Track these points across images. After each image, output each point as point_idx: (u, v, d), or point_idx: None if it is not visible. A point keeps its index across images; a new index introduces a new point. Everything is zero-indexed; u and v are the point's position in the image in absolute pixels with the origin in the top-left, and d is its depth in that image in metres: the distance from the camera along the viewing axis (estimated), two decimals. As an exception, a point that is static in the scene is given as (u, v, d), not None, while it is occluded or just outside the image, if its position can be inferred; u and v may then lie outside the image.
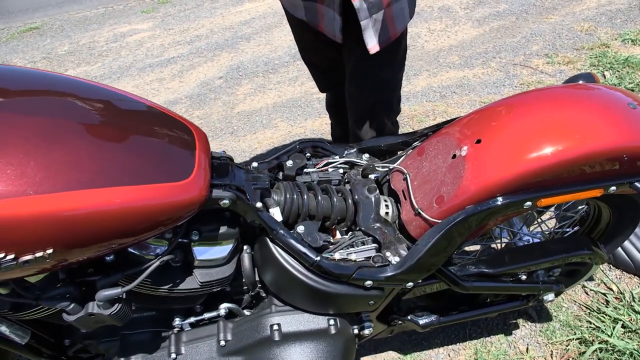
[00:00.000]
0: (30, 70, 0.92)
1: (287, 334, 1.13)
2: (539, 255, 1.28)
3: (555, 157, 1.01)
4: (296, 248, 1.03)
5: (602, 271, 1.84)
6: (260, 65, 3.86)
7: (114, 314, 0.96)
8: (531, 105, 1.10)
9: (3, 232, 0.74)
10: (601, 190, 1.08)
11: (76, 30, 5.21)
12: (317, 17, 1.47)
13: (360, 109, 1.63)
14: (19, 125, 0.78)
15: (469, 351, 1.64)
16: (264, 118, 3.19)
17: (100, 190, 0.80)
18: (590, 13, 3.85)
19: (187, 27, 4.85)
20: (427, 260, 1.08)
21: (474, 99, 3.03)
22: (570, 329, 1.66)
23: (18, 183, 0.74)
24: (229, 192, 0.97)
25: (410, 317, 1.35)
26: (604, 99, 1.13)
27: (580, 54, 3.30)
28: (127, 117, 0.92)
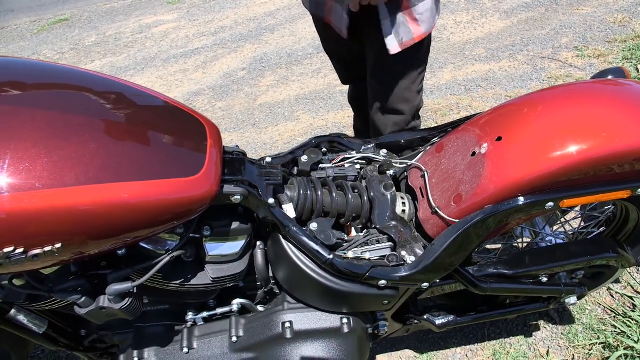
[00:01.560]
0: (44, 64, 0.92)
1: (299, 331, 1.12)
2: (562, 257, 1.24)
3: (581, 155, 0.97)
4: (309, 246, 1.01)
5: (630, 274, 1.78)
6: (284, 57, 3.85)
7: (125, 308, 0.97)
8: (556, 102, 1.06)
9: (13, 226, 0.74)
10: (629, 191, 1.04)
11: (103, 22, 5.28)
12: (324, 10, 1.48)
13: (381, 103, 1.60)
14: (30, 119, 0.78)
15: (487, 352, 1.61)
16: (286, 110, 3.17)
17: (109, 185, 0.79)
18: (625, 4, 3.71)
19: (212, 18, 4.87)
20: (444, 261, 1.05)
21: (500, 92, 2.95)
22: (594, 333, 1.61)
23: (27, 177, 0.74)
24: (241, 188, 0.96)
25: (426, 317, 1.32)
26: (634, 95, 1.08)
27: (612, 47, 3.19)
28: (138, 111, 0.92)
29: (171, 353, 1.19)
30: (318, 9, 1.54)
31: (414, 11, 1.38)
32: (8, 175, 0.72)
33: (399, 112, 1.58)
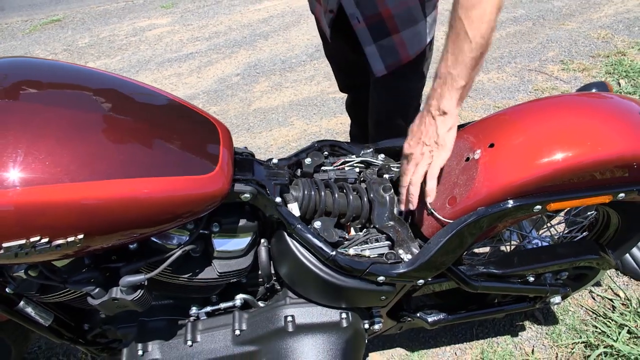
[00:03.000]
0: (67, 65, 0.97)
1: (301, 325, 1.18)
2: (547, 258, 1.31)
3: (566, 162, 1.04)
4: (313, 242, 1.07)
5: (610, 277, 1.87)
6: (278, 64, 3.91)
7: (136, 299, 1.01)
8: (544, 112, 1.14)
9: (40, 217, 0.78)
10: (610, 196, 1.11)
11: (97, 24, 5.30)
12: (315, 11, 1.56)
13: (381, 115, 1.66)
14: (56, 117, 0.83)
15: (476, 350, 1.68)
16: (280, 116, 3.23)
17: (130, 181, 0.84)
18: (608, 20, 3.85)
19: (206, 23, 4.92)
20: (439, 259, 1.11)
21: (488, 103, 3.05)
22: (576, 333, 1.69)
23: (54, 171, 0.78)
24: (250, 187, 1.01)
25: (419, 314, 1.39)
26: (615, 108, 1.16)
27: (596, 62, 3.31)
28: (156, 111, 0.97)
29: (175, 346, 1.23)
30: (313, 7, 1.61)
31: (402, 35, 1.42)
32: (37, 169, 0.77)
33: (398, 124, 1.63)
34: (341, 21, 1.44)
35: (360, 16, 1.38)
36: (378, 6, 1.35)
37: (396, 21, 1.38)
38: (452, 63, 1.04)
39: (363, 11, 1.37)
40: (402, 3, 1.35)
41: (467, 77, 1.04)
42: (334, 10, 1.43)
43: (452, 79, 1.05)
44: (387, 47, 1.43)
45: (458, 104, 1.07)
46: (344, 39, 1.54)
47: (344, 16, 1.41)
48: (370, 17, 1.38)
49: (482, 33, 1.01)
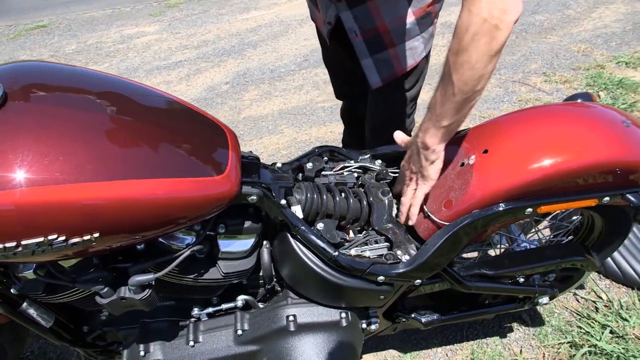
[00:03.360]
0: (84, 70, 1.00)
1: (302, 324, 1.21)
2: (536, 259, 1.37)
3: (555, 168, 1.10)
4: (316, 243, 1.11)
5: (593, 280, 1.94)
6: (267, 73, 3.96)
7: (144, 298, 1.03)
8: (534, 120, 1.20)
9: (57, 216, 0.81)
10: (596, 200, 1.17)
11: (83, 30, 5.29)
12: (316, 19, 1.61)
13: (376, 123, 1.71)
14: (77, 120, 0.86)
15: (466, 351, 1.73)
16: (269, 124, 3.27)
17: (146, 181, 0.87)
18: (587, 35, 3.99)
19: (194, 32, 4.95)
20: (435, 259, 1.16)
21: (474, 113, 3.13)
22: (562, 333, 1.75)
23: (74, 171, 0.81)
24: (257, 189, 1.05)
25: (413, 315, 1.43)
26: (600, 117, 1.23)
27: (576, 74, 3.43)
28: (168, 115, 1.01)
29: (177, 347, 1.25)
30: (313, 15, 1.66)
31: (398, 49, 1.46)
32: (56, 169, 0.80)
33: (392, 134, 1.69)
34: (339, 32, 1.49)
35: (358, 30, 1.43)
36: (375, 21, 1.40)
37: (392, 36, 1.44)
38: (439, 100, 1.06)
39: (361, 25, 1.42)
40: (399, 19, 1.40)
41: (452, 118, 1.05)
42: (332, 22, 1.49)
43: (437, 117, 1.07)
44: (383, 60, 1.48)
45: (441, 140, 1.10)
46: (342, 48, 1.59)
47: (342, 28, 1.46)
48: (368, 31, 1.43)
49: (465, 79, 0.98)
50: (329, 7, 1.47)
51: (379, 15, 1.40)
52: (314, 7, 1.60)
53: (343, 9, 1.41)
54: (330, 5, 1.46)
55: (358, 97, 1.81)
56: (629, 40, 3.85)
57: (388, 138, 1.65)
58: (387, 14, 1.40)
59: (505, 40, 0.94)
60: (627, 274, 1.89)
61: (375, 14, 1.40)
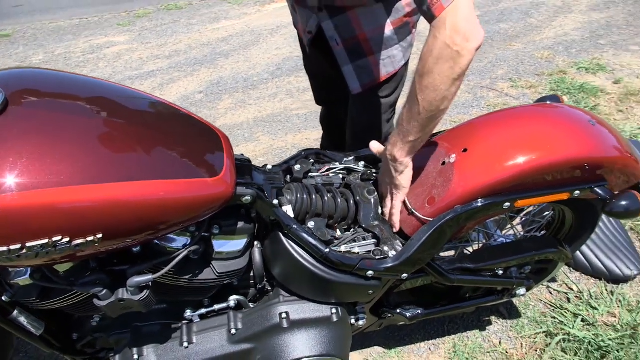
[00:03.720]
0: (82, 76, 1.03)
1: (295, 321, 1.25)
2: (514, 252, 1.45)
3: (529, 164, 1.18)
4: (308, 241, 1.15)
5: (564, 273, 2.04)
6: (240, 82, 3.98)
7: (143, 299, 1.05)
8: (509, 121, 1.28)
9: (62, 217, 0.83)
10: (567, 194, 1.26)
11: (50, 40, 5.20)
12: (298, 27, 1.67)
13: (357, 127, 1.77)
14: (75, 124, 0.89)
15: (448, 345, 1.79)
16: (245, 132, 3.30)
17: (146, 182, 0.90)
18: (549, 42, 4.17)
19: (165, 41, 4.94)
20: (421, 254, 1.22)
21: (445, 118, 3.22)
22: (537, 324, 1.84)
23: (76, 173, 0.83)
24: (251, 190, 1.08)
25: (399, 311, 1.49)
26: (569, 117, 1.32)
27: (541, 79, 3.58)
28: (165, 119, 1.04)
29: (170, 349, 1.26)
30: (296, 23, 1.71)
31: (377, 57, 1.52)
32: (58, 171, 0.82)
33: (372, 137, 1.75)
34: (320, 40, 1.54)
35: (339, 39, 1.49)
36: (355, 30, 1.47)
37: (371, 44, 1.50)
38: (406, 118, 1.12)
39: (341, 34, 1.48)
40: (378, 28, 1.47)
41: (417, 134, 1.12)
42: (313, 31, 1.54)
43: (404, 133, 1.13)
44: (363, 67, 1.55)
45: (408, 154, 1.17)
46: (322, 56, 1.65)
47: (323, 36, 1.52)
48: (348, 40, 1.49)
49: (430, 100, 1.04)
50: (310, 17, 1.52)
51: (359, 24, 1.46)
52: (296, 15, 1.65)
53: (324, 19, 1.47)
54: (311, 15, 1.51)
55: (338, 103, 1.87)
56: (587, 47, 4.05)
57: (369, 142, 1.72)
58: (366, 23, 1.46)
59: (467, 65, 1.00)
60: (595, 266, 2.00)
61: (355, 24, 1.46)
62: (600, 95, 3.31)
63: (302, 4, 1.50)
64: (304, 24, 1.55)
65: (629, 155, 1.29)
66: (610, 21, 4.51)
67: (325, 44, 1.54)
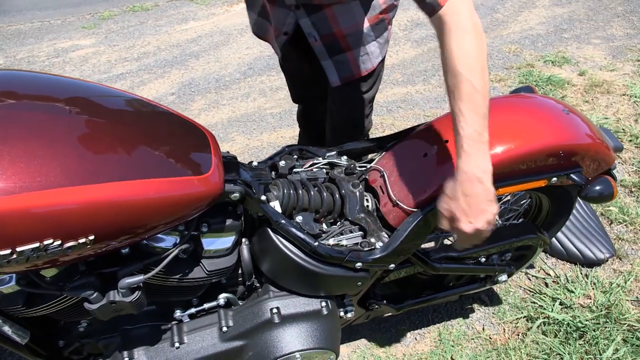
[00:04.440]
0: (64, 78, 1.01)
1: (286, 316, 1.26)
2: (494, 239, 1.49)
3: (508, 153, 1.22)
4: (297, 235, 1.16)
5: (541, 260, 2.11)
6: (212, 82, 3.95)
7: (134, 301, 1.04)
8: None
9: (53, 220, 0.82)
10: (545, 180, 1.30)
11: (10, 44, 5.04)
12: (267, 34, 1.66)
13: (336, 122, 1.79)
14: (63, 125, 0.87)
15: (433, 334, 1.83)
16: (220, 132, 3.28)
17: (136, 182, 0.90)
18: (516, 37, 4.27)
19: (133, 44, 4.85)
20: (407, 244, 1.24)
21: (418, 112, 3.29)
22: (518, 309, 1.90)
23: (65, 175, 0.82)
24: (239, 187, 1.09)
25: (385, 302, 1.51)
26: (543, 106, 1.36)
27: (509, 73, 3.67)
28: (152, 119, 1.04)
29: (161, 350, 1.26)
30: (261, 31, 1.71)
31: (355, 53, 1.55)
32: (47, 173, 0.81)
33: (355, 132, 1.77)
34: (298, 39, 1.56)
35: (317, 35, 1.51)
36: (332, 27, 1.49)
37: (348, 40, 1.53)
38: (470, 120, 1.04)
39: (319, 31, 1.50)
40: (354, 25, 1.49)
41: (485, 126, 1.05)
42: (290, 31, 1.55)
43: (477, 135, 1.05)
44: (342, 62, 1.57)
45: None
46: (300, 54, 1.66)
47: (300, 34, 1.53)
48: (326, 37, 1.51)
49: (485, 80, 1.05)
50: (286, 16, 1.53)
51: (336, 21, 1.48)
52: (265, 21, 1.65)
53: (302, 16, 1.48)
54: (287, 14, 1.52)
55: (315, 100, 1.88)
56: (553, 41, 4.16)
57: (348, 136, 1.74)
58: (343, 20, 1.48)
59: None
60: (570, 251, 2.07)
61: (332, 21, 1.48)
62: (566, 87, 3.41)
63: (277, 4, 1.51)
64: (279, 26, 1.56)
65: (601, 142, 1.34)
66: (572, 15, 4.65)
67: (303, 42, 1.55)
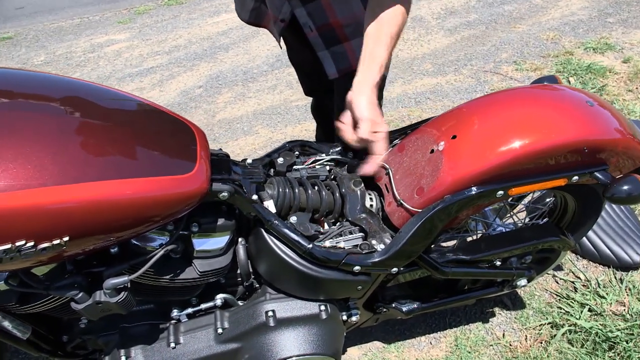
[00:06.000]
0: (44, 74, 0.99)
1: (282, 319, 1.21)
2: (512, 242, 1.39)
3: (523, 149, 1.12)
4: (290, 237, 1.11)
5: (571, 261, 1.97)
6: (240, 75, 3.93)
7: (121, 301, 1.02)
8: (501, 104, 1.21)
9: (24, 221, 0.80)
10: (565, 179, 1.19)
11: (51, 41, 5.19)
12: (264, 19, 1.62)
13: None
14: (37, 123, 0.85)
15: (450, 338, 1.74)
16: (244, 125, 3.26)
17: (112, 182, 0.86)
18: (555, 23, 4.05)
19: (165, 37, 4.90)
20: (410, 247, 1.17)
21: (447, 104, 3.16)
22: (543, 315, 1.78)
23: (37, 175, 0.80)
24: (228, 186, 1.04)
25: (394, 305, 1.44)
26: (565, 98, 1.25)
27: (546, 61, 3.48)
28: (135, 116, 1.00)
29: (158, 350, 1.24)
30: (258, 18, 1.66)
31: (353, 44, 1.48)
32: (20, 173, 0.78)
33: None
34: (295, 27, 1.50)
35: (313, 25, 1.44)
36: (329, 17, 1.42)
37: (346, 31, 1.45)
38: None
39: (314, 21, 1.44)
40: (351, 15, 1.42)
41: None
42: (286, 19, 1.49)
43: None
44: (339, 53, 1.50)
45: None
46: (300, 43, 1.60)
47: (297, 24, 1.47)
48: (322, 27, 1.45)
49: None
50: (282, 4, 1.47)
51: (332, 11, 1.42)
52: (262, 5, 1.59)
53: (297, 6, 1.43)
54: (283, 2, 1.46)
55: (326, 93, 1.81)
56: (595, 26, 3.92)
57: None
58: (339, 10, 1.42)
59: None
60: (603, 253, 1.93)
61: (328, 11, 1.42)
62: (608, 75, 3.20)
63: None
64: (276, 12, 1.50)
65: (632, 137, 1.22)
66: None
67: (301, 31, 1.50)
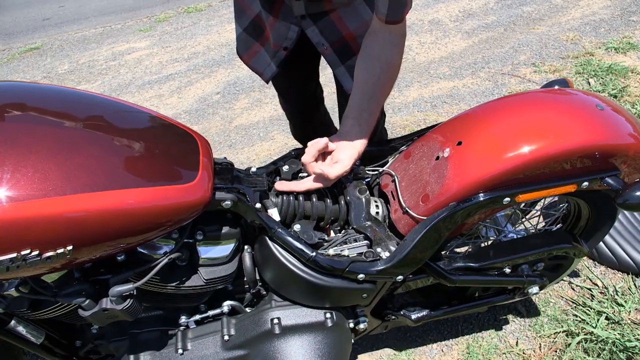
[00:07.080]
0: (53, 87, 1.01)
1: (287, 327, 1.21)
2: (522, 249, 1.36)
3: (531, 155, 1.10)
4: (293, 245, 1.11)
5: (588, 268, 1.93)
6: (257, 81, 3.96)
7: (126, 308, 1.04)
8: (508, 109, 1.20)
9: (29, 231, 0.81)
10: (575, 185, 1.17)
11: (75, 50, 5.32)
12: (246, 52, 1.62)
13: None
14: (41, 135, 0.87)
15: (462, 346, 1.72)
16: (261, 131, 3.28)
17: (115, 192, 0.88)
18: (575, 23, 3.98)
19: (184, 44, 4.97)
20: (416, 255, 1.16)
21: (464, 108, 3.13)
22: (558, 323, 1.74)
23: (41, 186, 0.82)
24: (231, 194, 1.05)
25: (403, 312, 1.43)
26: (574, 102, 1.22)
27: (566, 63, 3.42)
28: (137, 126, 1.01)
29: (166, 356, 1.25)
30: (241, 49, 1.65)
31: None
32: (25, 185, 0.80)
33: None
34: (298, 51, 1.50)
35: (326, 42, 1.44)
36: (341, 31, 1.42)
37: (359, 42, 1.45)
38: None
39: (327, 38, 1.44)
40: (363, 24, 1.41)
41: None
42: (289, 46, 1.48)
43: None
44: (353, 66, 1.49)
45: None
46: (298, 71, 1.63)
47: (302, 46, 1.47)
48: (336, 42, 1.45)
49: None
50: (287, 29, 1.46)
51: (343, 24, 1.42)
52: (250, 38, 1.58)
53: (308, 25, 1.42)
54: (290, 27, 1.45)
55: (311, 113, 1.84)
56: (617, 26, 3.84)
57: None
58: (350, 21, 1.42)
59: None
60: (622, 259, 1.88)
61: (339, 25, 1.42)
62: (630, 75, 3.12)
63: (282, 17, 1.45)
64: (279, 41, 1.49)
65: (645, 142, 1.19)
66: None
67: (303, 54, 1.51)
